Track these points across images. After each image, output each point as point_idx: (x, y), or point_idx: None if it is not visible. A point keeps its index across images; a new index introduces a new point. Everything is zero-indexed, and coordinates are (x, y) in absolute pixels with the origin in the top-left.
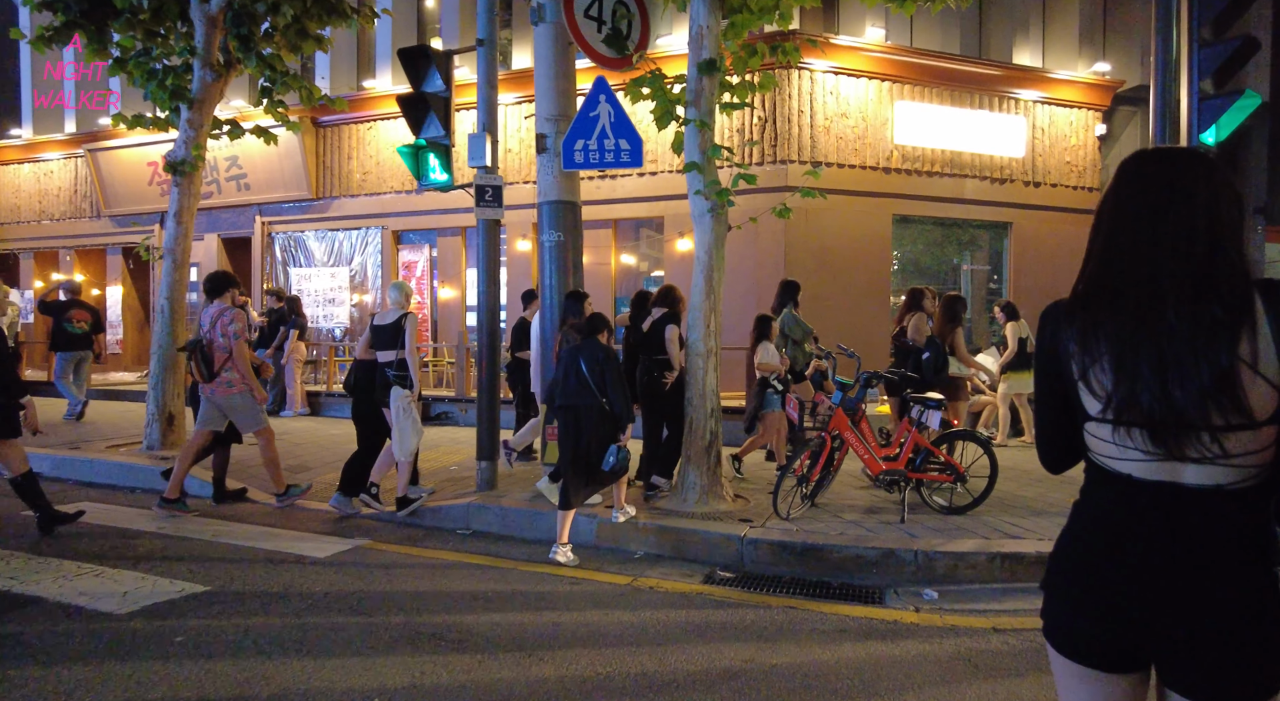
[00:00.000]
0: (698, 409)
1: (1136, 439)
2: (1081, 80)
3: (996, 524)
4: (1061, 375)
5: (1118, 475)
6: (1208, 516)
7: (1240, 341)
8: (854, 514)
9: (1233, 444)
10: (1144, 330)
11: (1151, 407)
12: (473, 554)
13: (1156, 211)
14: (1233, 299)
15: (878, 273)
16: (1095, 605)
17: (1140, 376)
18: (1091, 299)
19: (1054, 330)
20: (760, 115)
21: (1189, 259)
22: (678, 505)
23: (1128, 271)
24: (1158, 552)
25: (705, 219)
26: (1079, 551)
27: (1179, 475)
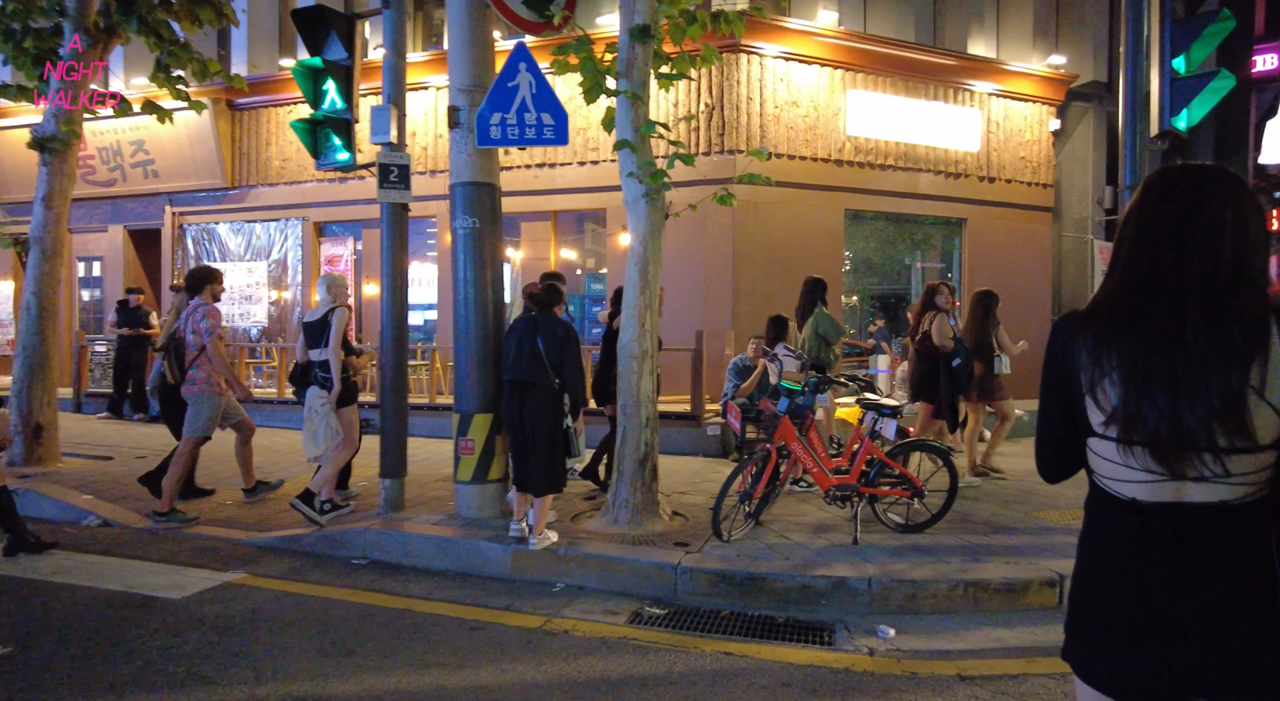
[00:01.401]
0: (631, 418)
1: (1140, 457)
2: (1036, 73)
3: (958, 544)
4: (1069, 386)
5: (1123, 500)
6: (1219, 533)
7: (1252, 366)
8: (802, 533)
9: (1234, 465)
10: (1160, 347)
11: (1157, 425)
12: (364, 590)
13: (1183, 229)
14: (1252, 323)
15: (830, 270)
16: (1117, 640)
17: (1149, 393)
18: (1109, 311)
19: (1066, 339)
20: (707, 101)
21: (1214, 279)
22: (608, 526)
23: (1150, 287)
24: (1175, 578)
25: (640, 205)
26: (1098, 590)
27: (1184, 494)
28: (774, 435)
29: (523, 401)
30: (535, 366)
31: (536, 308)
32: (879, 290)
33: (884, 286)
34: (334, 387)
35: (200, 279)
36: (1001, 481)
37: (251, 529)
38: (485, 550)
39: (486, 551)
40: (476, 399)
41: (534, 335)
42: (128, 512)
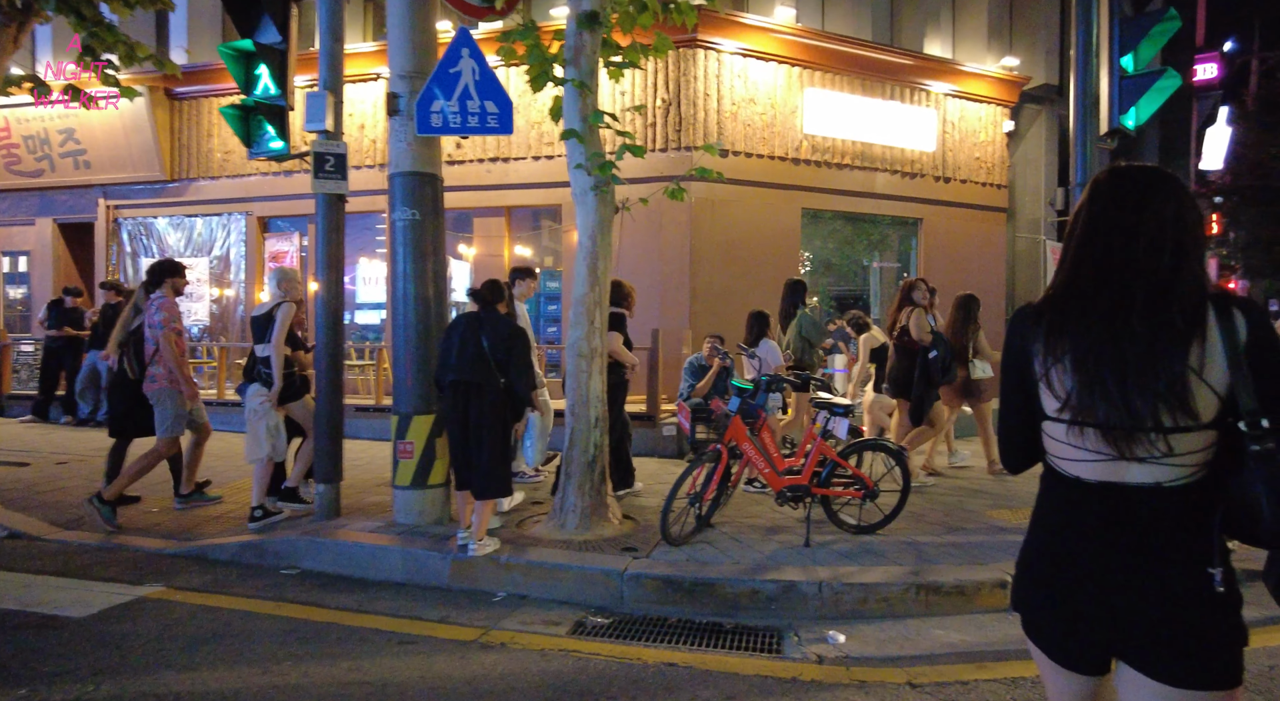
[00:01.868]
0: (580, 418)
1: (1089, 438)
2: (991, 74)
3: (911, 545)
4: (1025, 374)
5: (1068, 478)
6: (1150, 512)
7: (1191, 349)
8: (754, 535)
9: (1178, 443)
10: (1108, 335)
11: (1107, 409)
12: (291, 602)
13: (1128, 225)
14: (1190, 309)
15: (787, 269)
16: (1052, 610)
17: (1100, 379)
18: (1061, 302)
19: (1022, 330)
20: (664, 97)
21: (1156, 270)
22: (554, 531)
23: (1098, 279)
24: (1106, 550)
25: (588, 198)
26: (1038, 558)
27: (1123, 475)
28: (725, 435)
29: (468, 402)
30: (480, 366)
31: (479, 305)
32: (837, 290)
33: (842, 287)
34: (274, 385)
35: (160, 272)
36: (952, 481)
37: (177, 537)
38: (423, 558)
39: (424, 560)
40: (416, 399)
41: (478, 333)
42: (39, 523)
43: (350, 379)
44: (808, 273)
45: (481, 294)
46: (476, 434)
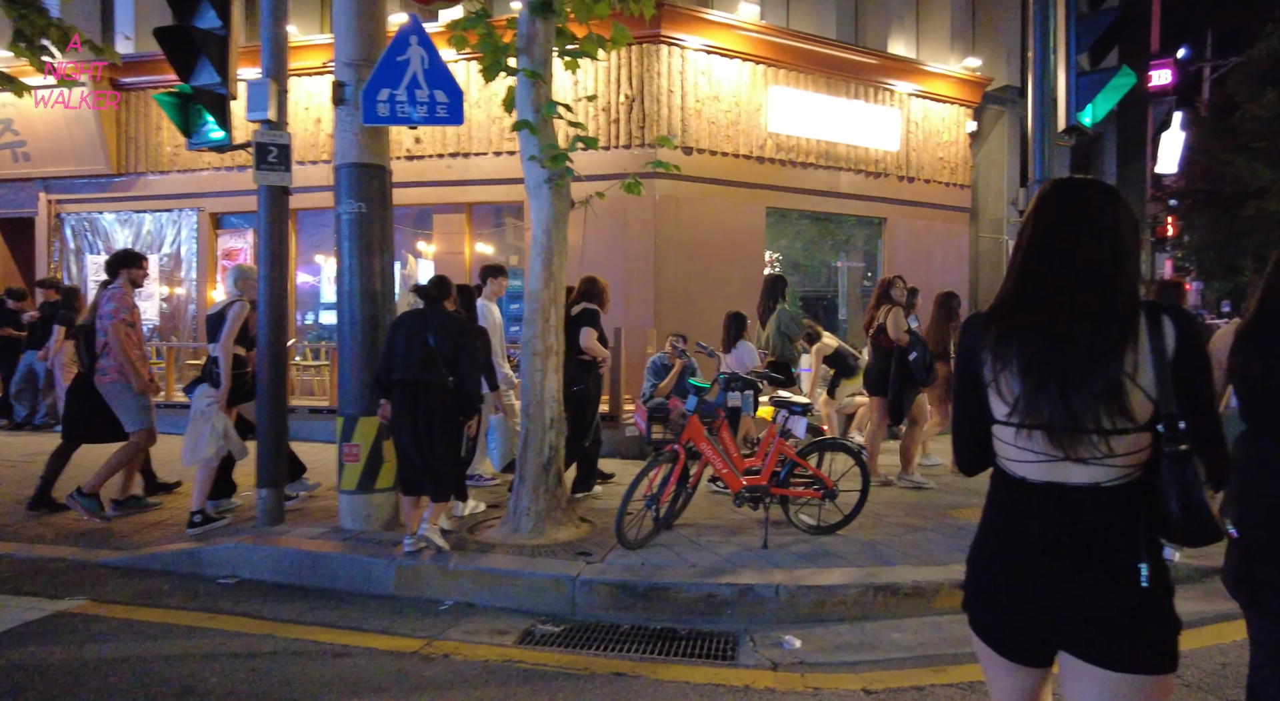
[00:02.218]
0: (534, 419)
1: (1036, 441)
2: (954, 75)
3: (870, 545)
4: (976, 380)
5: (1015, 478)
6: (1088, 510)
7: (1126, 355)
8: (713, 536)
9: (1117, 445)
10: (1051, 341)
11: (1051, 412)
12: (226, 614)
13: (1069, 236)
14: (1126, 316)
15: (752, 268)
16: (996, 603)
17: (1044, 383)
18: (1007, 311)
19: (972, 338)
20: (627, 93)
21: (1095, 279)
22: (507, 535)
23: (1042, 288)
24: (1048, 547)
25: (542, 191)
26: (986, 555)
27: (1066, 476)
28: (682, 435)
29: (416, 402)
30: (429, 364)
31: (425, 301)
32: (805, 291)
33: (810, 287)
34: (221, 385)
35: (117, 263)
36: None
37: (110, 546)
38: (367, 565)
39: (369, 567)
40: (363, 400)
41: (424, 331)
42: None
43: (308, 379)
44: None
45: (427, 290)
46: (427, 434)
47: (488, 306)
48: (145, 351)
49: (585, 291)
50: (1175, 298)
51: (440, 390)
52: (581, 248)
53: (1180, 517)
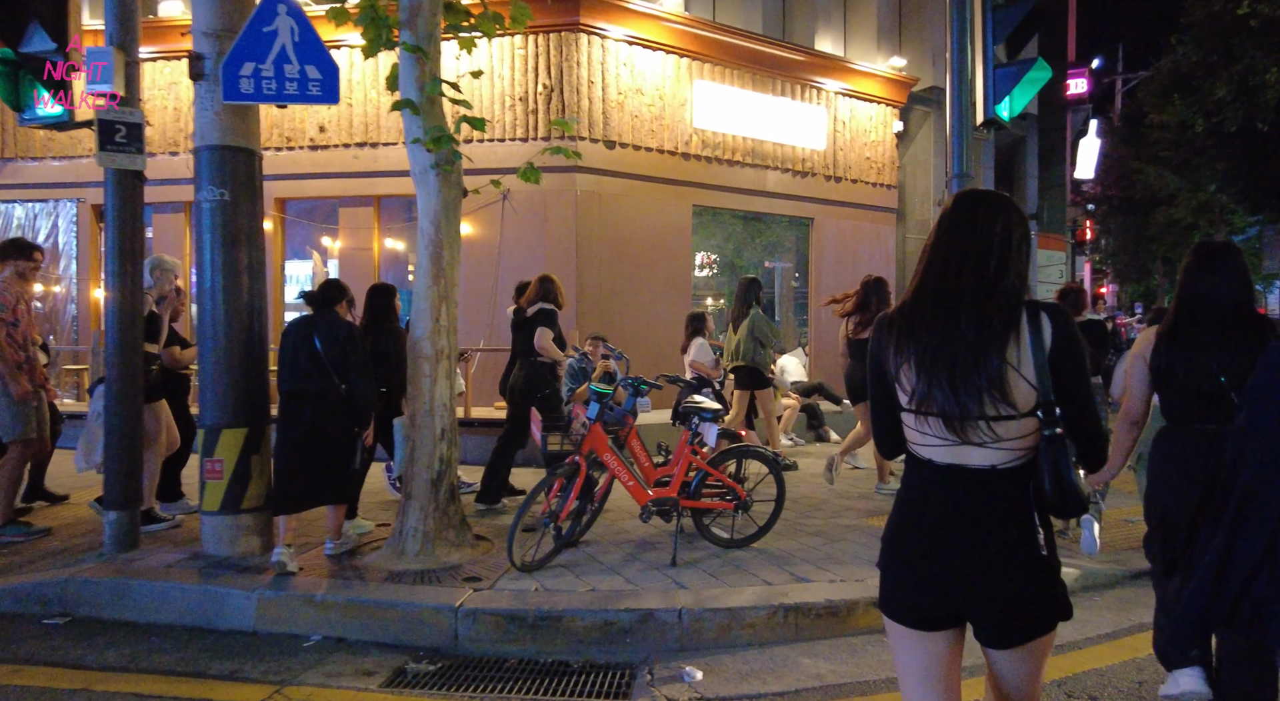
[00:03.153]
0: (423, 429)
1: (933, 426)
2: (881, 74)
3: (784, 559)
4: (884, 373)
5: (923, 460)
6: (987, 490)
7: (1009, 348)
8: (622, 552)
9: (1003, 430)
10: (943, 336)
11: (943, 401)
12: (39, 664)
13: (962, 241)
14: (1008, 314)
15: (679, 267)
16: (909, 574)
17: (936, 374)
18: (908, 310)
19: (879, 336)
20: (545, 83)
21: (981, 280)
22: (392, 558)
23: (936, 288)
24: (952, 522)
25: (429, 178)
26: (896, 530)
27: (966, 458)
28: (583, 445)
29: (300, 412)
30: (316, 372)
31: (312, 307)
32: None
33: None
34: None
35: (2, 253)
36: (840, 485)
37: None
38: (223, 597)
39: (225, 599)
40: (225, 410)
41: (311, 338)
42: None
43: None
44: (713, 275)
45: (313, 296)
46: (317, 446)
47: None
48: (34, 353)
49: (541, 291)
50: (1077, 302)
51: (330, 400)
52: (499, 245)
53: (1053, 492)
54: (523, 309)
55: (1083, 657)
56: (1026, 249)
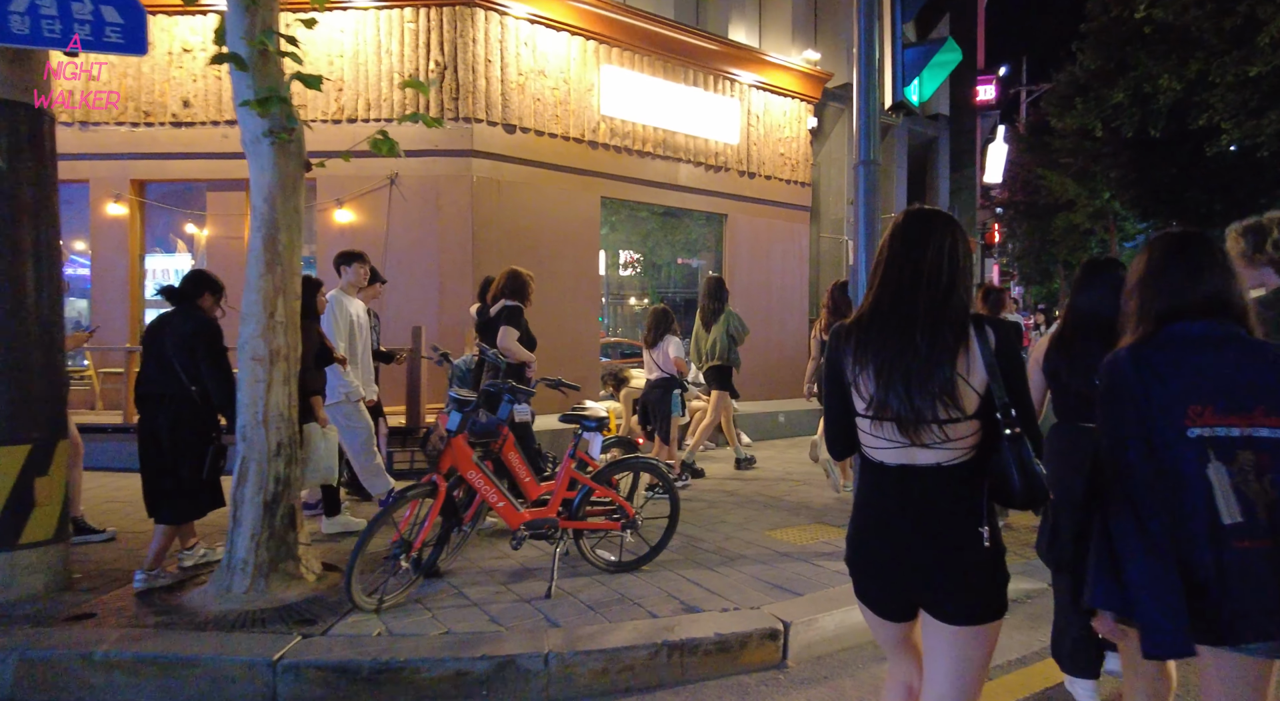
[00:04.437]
0: (253, 444)
1: (889, 430)
2: (795, 67)
3: (676, 584)
4: (841, 381)
5: (875, 463)
6: (934, 486)
7: (959, 358)
8: (495, 582)
9: (952, 432)
10: (898, 348)
11: (900, 408)
12: None
13: (914, 258)
14: (958, 326)
15: (586, 261)
16: (869, 569)
17: (893, 383)
18: (865, 322)
19: (836, 345)
20: (438, 60)
21: (934, 295)
22: (215, 597)
23: (892, 302)
24: (904, 517)
25: (262, 148)
26: (856, 529)
27: (914, 458)
28: (441, 461)
29: (144, 417)
30: (162, 373)
31: (170, 302)
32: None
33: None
34: None
35: None
36: (742, 494)
37: None
38: None
39: None
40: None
41: (161, 336)
42: None
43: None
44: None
45: (169, 290)
46: (152, 453)
47: (343, 300)
48: None
49: (507, 286)
50: (998, 302)
51: (178, 404)
52: (386, 235)
53: (1021, 487)
54: (487, 307)
55: (991, 692)
56: (970, 263)
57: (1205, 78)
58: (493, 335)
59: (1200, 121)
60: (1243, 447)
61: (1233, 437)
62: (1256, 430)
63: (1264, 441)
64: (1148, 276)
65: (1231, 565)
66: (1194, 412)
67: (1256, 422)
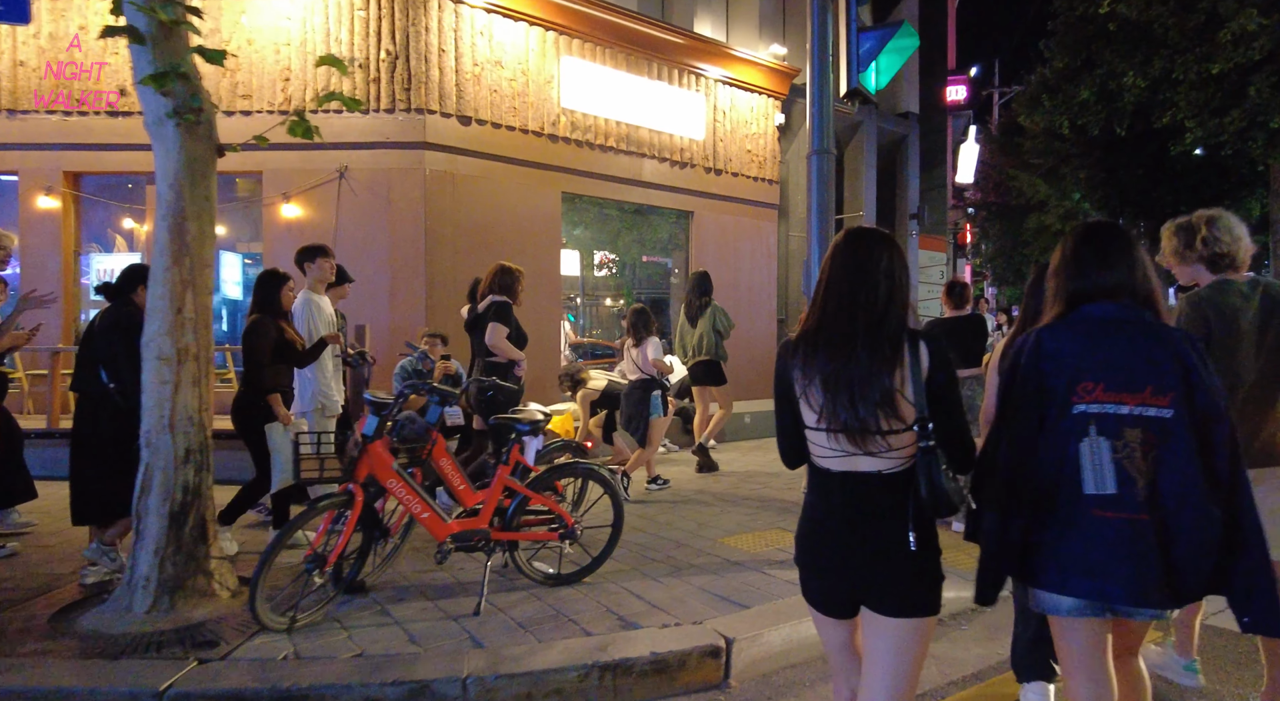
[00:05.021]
0: (157, 452)
1: (839, 440)
2: (763, 63)
3: (617, 599)
4: (790, 393)
5: (822, 470)
6: (873, 492)
7: (896, 371)
8: (421, 600)
9: (893, 441)
10: (842, 361)
11: (846, 417)
12: None
13: (854, 277)
14: (895, 341)
15: (547, 258)
16: (814, 568)
17: (838, 395)
18: (811, 337)
19: (785, 359)
20: (389, 49)
21: (872, 311)
22: (114, 618)
23: (834, 318)
24: (846, 521)
25: (167, 130)
26: (804, 532)
27: (858, 466)
28: (356, 469)
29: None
30: (85, 370)
31: (109, 298)
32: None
33: (639, 287)
34: None
35: None
36: (700, 500)
37: None
38: None
39: None
40: None
41: (90, 334)
42: None
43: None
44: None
45: (105, 286)
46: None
47: (316, 299)
48: None
49: (496, 282)
50: (962, 295)
51: (95, 401)
52: (335, 231)
53: (927, 496)
54: (475, 306)
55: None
56: (907, 279)
57: (1169, 75)
58: (481, 333)
59: (1164, 120)
60: (1131, 425)
61: (1121, 414)
62: (1145, 409)
63: (1151, 420)
64: (1061, 262)
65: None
66: (1084, 389)
67: (1146, 402)
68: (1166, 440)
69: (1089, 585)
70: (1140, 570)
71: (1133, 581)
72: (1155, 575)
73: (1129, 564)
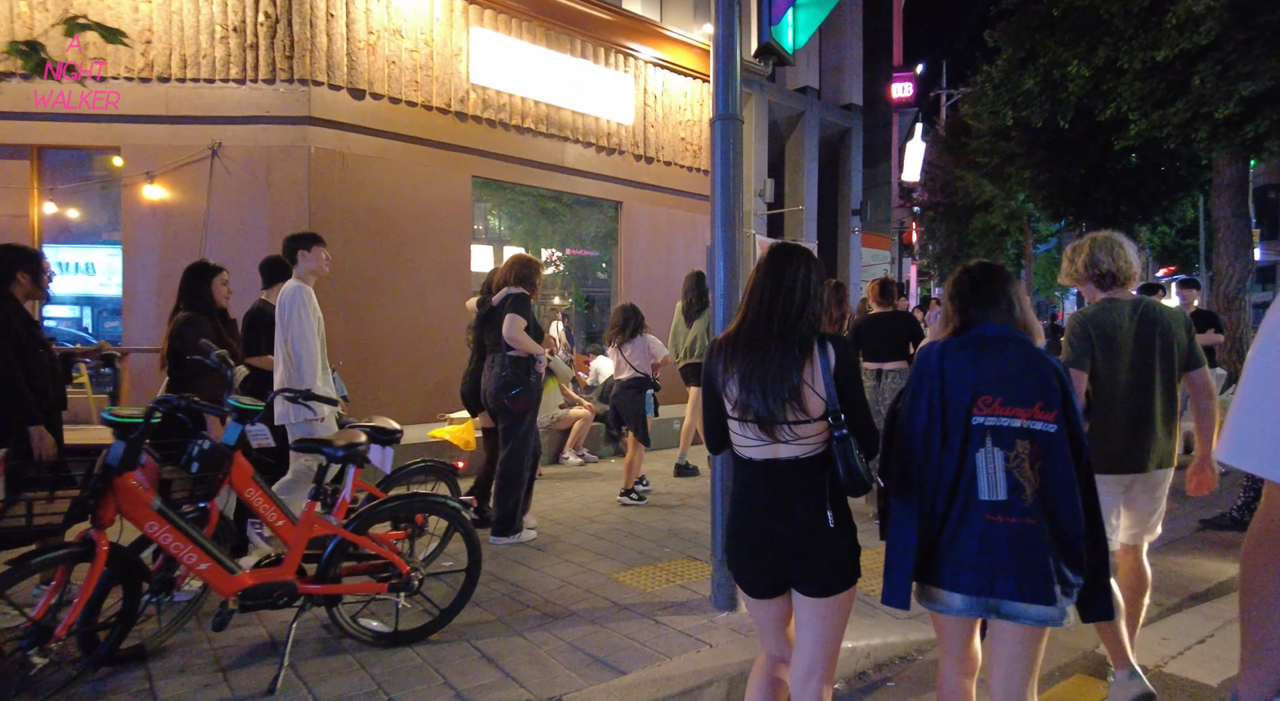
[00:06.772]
0: None
1: (753, 430)
2: (697, 44)
3: (462, 666)
4: (714, 387)
5: (745, 459)
6: (792, 476)
7: (805, 369)
8: (207, 671)
9: (801, 431)
10: (757, 359)
11: (759, 409)
12: None
13: (773, 285)
14: (805, 342)
15: (455, 248)
16: (743, 553)
17: (752, 389)
18: (734, 337)
19: (710, 356)
20: (268, 11)
21: (787, 315)
22: None
23: (754, 321)
24: (768, 505)
25: None
26: (730, 519)
27: (777, 453)
28: (100, 510)
29: None
30: None
31: None
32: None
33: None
34: None
35: None
36: (604, 523)
37: None
38: None
39: None
40: None
41: None
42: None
43: None
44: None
45: None
46: None
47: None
48: None
49: (514, 273)
50: (889, 293)
51: None
52: (207, 214)
53: (845, 477)
54: (487, 300)
55: None
56: (821, 289)
57: (1114, 64)
58: (494, 327)
59: (1108, 111)
60: (1021, 437)
61: (1014, 428)
62: (1033, 423)
63: (1038, 433)
64: (955, 292)
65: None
66: (983, 403)
67: (1035, 416)
68: (1051, 451)
69: (980, 580)
70: (1027, 568)
71: (1021, 577)
72: (1040, 573)
73: (1018, 561)
